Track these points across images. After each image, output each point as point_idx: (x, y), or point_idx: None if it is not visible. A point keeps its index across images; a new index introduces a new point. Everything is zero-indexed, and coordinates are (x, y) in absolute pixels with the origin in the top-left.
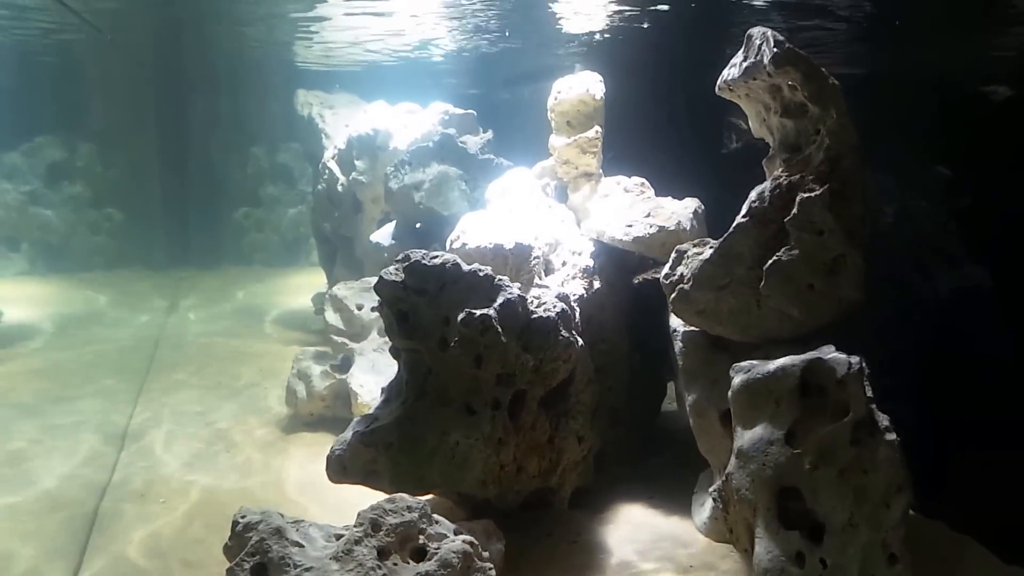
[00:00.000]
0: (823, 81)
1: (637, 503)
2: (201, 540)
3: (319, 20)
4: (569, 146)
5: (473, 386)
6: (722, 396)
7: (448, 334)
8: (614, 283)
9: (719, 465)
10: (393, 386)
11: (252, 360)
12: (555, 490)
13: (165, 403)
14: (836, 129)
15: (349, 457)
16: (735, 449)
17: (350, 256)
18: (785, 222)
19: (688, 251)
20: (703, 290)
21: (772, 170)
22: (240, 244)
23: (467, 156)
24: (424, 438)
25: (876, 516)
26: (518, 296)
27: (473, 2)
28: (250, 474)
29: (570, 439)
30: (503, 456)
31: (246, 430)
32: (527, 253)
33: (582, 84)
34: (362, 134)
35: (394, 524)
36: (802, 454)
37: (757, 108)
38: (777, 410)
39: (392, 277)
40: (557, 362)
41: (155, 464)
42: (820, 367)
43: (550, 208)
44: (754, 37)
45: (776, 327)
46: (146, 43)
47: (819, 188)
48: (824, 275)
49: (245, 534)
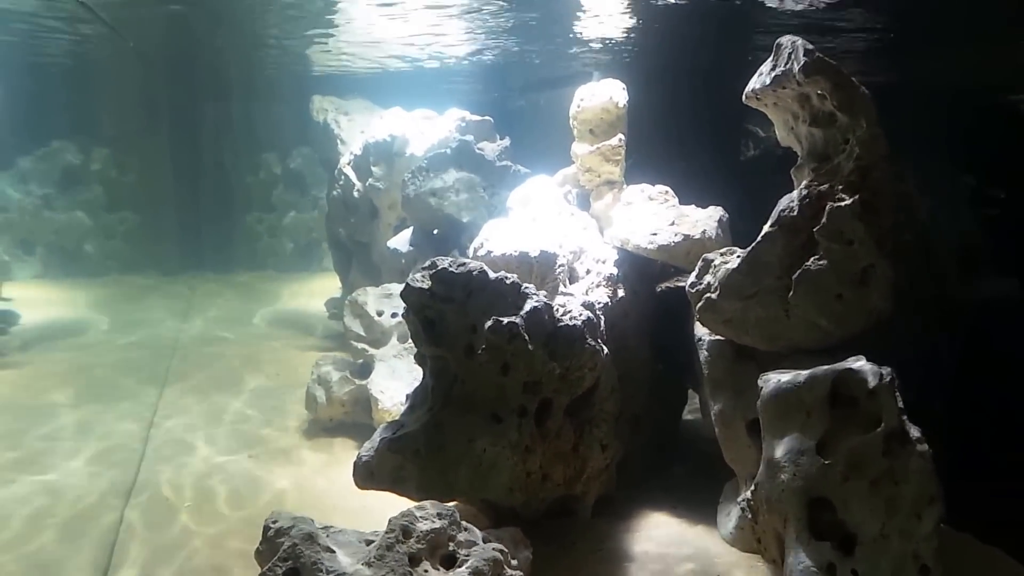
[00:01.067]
0: (853, 90)
1: (660, 512)
2: (228, 544)
3: (335, 25)
4: (592, 154)
5: (499, 394)
6: (748, 405)
7: (475, 341)
8: (637, 291)
9: (745, 475)
10: (418, 393)
11: (268, 365)
12: (579, 498)
13: (184, 407)
14: (866, 139)
15: (376, 463)
16: (765, 459)
17: (366, 262)
18: (814, 232)
19: (715, 260)
20: (730, 299)
21: (800, 179)
22: (253, 249)
23: (485, 163)
24: (451, 445)
25: (908, 527)
26: (544, 304)
27: (492, 11)
28: (273, 479)
29: (594, 447)
30: (530, 464)
31: (267, 435)
32: (552, 261)
33: (605, 92)
34: (379, 140)
35: (425, 531)
36: (833, 465)
37: (785, 117)
38: (808, 420)
39: (419, 284)
40: (583, 370)
41: (178, 469)
42: (851, 377)
43: (573, 216)
44: (783, 46)
45: (804, 337)
46: (160, 48)
47: (849, 198)
48: (853, 285)
49: (277, 539)
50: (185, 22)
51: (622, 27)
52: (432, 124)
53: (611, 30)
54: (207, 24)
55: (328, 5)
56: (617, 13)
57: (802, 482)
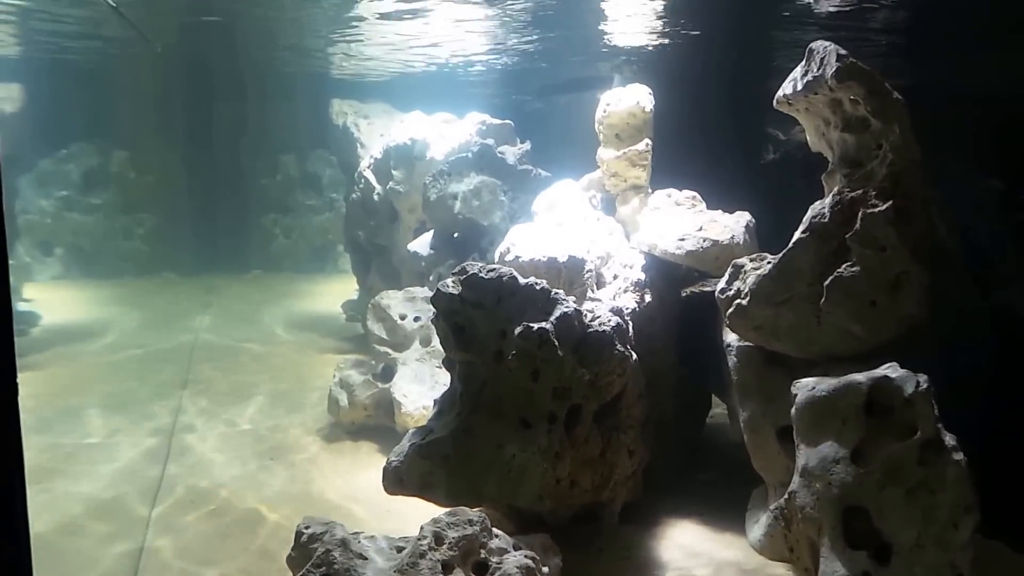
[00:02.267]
0: (887, 96)
1: (687, 518)
2: (254, 548)
3: (353, 29)
4: (618, 159)
5: (528, 399)
6: (778, 412)
7: (504, 347)
8: (663, 296)
9: (775, 482)
10: (446, 398)
11: (287, 367)
12: (606, 504)
13: (205, 409)
14: (900, 144)
15: (406, 469)
16: (799, 467)
17: (386, 265)
18: (847, 238)
19: (745, 266)
20: (761, 305)
21: (832, 185)
22: (268, 250)
23: (505, 166)
24: (480, 451)
25: (944, 537)
26: (574, 310)
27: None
28: (297, 482)
29: (621, 453)
30: (559, 470)
31: (288, 438)
32: (580, 266)
33: (632, 97)
34: (399, 144)
35: (456, 538)
36: (869, 473)
37: (816, 122)
38: (843, 428)
39: (449, 290)
40: (612, 376)
41: (201, 471)
42: (887, 386)
43: (599, 221)
44: (816, 51)
45: (837, 344)
46: (179, 51)
47: (882, 204)
48: (887, 292)
49: (310, 545)
50: (206, 26)
51: (646, 32)
52: (452, 128)
53: (634, 36)
54: (228, 28)
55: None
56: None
57: (837, 490)
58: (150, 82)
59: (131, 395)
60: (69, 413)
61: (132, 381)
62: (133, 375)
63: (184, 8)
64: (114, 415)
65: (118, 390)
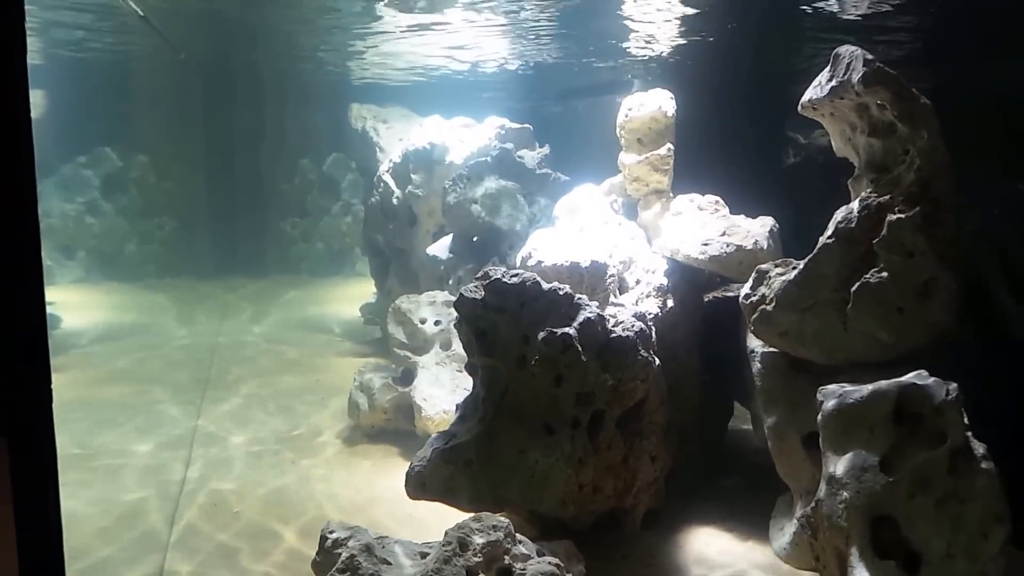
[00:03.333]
0: (914, 101)
1: (710, 525)
2: (277, 552)
3: (373, 34)
4: (640, 163)
5: (552, 405)
6: (803, 419)
7: (527, 352)
8: (686, 301)
9: (800, 489)
10: (469, 403)
11: (306, 370)
12: (628, 511)
13: (227, 412)
14: (927, 149)
15: (429, 474)
16: (826, 475)
17: (404, 268)
18: (874, 244)
19: (770, 271)
20: (786, 311)
21: (858, 190)
22: (287, 254)
23: (525, 171)
24: (503, 456)
25: (974, 547)
26: (598, 315)
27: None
28: (317, 485)
29: (644, 459)
30: (582, 476)
31: (309, 441)
32: (603, 271)
33: (654, 102)
34: (418, 148)
35: (481, 544)
36: (898, 482)
37: (842, 127)
38: (871, 436)
39: (472, 295)
40: (635, 382)
41: (222, 474)
42: (916, 393)
43: (620, 225)
44: (842, 56)
45: (863, 350)
46: (199, 57)
47: (910, 209)
48: (915, 298)
49: (334, 550)
50: (226, 32)
51: (667, 36)
52: (471, 132)
53: (655, 41)
54: (247, 33)
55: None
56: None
57: (866, 499)
58: (171, 87)
59: (151, 397)
60: (90, 415)
61: (152, 383)
62: (153, 377)
63: (206, 15)
64: (135, 417)
65: (138, 392)
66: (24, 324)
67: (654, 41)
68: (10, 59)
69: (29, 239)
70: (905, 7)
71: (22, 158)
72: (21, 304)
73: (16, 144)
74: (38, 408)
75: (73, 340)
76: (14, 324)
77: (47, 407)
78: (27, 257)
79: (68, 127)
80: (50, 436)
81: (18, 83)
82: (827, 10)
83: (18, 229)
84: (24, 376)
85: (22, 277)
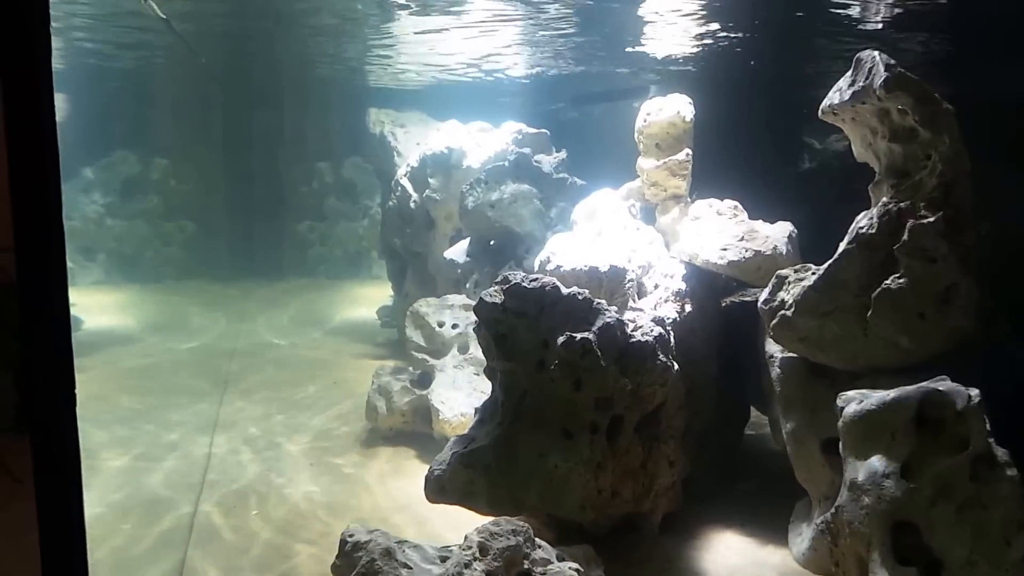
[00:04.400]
0: (936, 105)
1: (728, 530)
2: (296, 554)
3: (390, 38)
4: (658, 168)
5: (571, 409)
6: (822, 424)
7: (546, 356)
8: (704, 306)
9: (819, 495)
10: (488, 407)
11: (324, 371)
12: (646, 515)
13: (244, 414)
14: (950, 155)
15: (448, 478)
16: (847, 481)
17: (421, 272)
18: (895, 249)
19: (789, 277)
20: (806, 317)
21: (879, 196)
22: (304, 256)
23: (542, 175)
24: (522, 460)
25: (996, 554)
26: (617, 320)
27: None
28: (334, 488)
29: (662, 463)
30: (601, 481)
31: (327, 443)
32: (622, 276)
33: (672, 106)
34: (436, 152)
35: (500, 548)
36: (919, 488)
37: (863, 132)
38: (892, 442)
39: (492, 299)
40: (654, 386)
41: (240, 476)
42: (938, 399)
43: (639, 230)
44: (863, 60)
45: (883, 356)
46: (217, 61)
47: (932, 215)
48: (936, 304)
49: (354, 554)
50: (245, 37)
51: (685, 43)
52: (488, 137)
53: (672, 46)
54: (268, 39)
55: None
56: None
57: (887, 505)
58: (191, 92)
59: (170, 398)
60: (110, 416)
61: (171, 384)
62: (172, 378)
63: (226, 20)
64: (153, 417)
65: (158, 393)
66: (49, 325)
67: (671, 46)
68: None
69: (54, 241)
70: (924, 13)
71: (47, 161)
72: (46, 305)
73: (41, 147)
74: (61, 408)
75: (94, 341)
76: (39, 324)
77: (71, 407)
78: (52, 259)
79: (89, 131)
80: (74, 436)
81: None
82: (847, 15)
83: (44, 231)
84: (48, 376)
85: (47, 278)
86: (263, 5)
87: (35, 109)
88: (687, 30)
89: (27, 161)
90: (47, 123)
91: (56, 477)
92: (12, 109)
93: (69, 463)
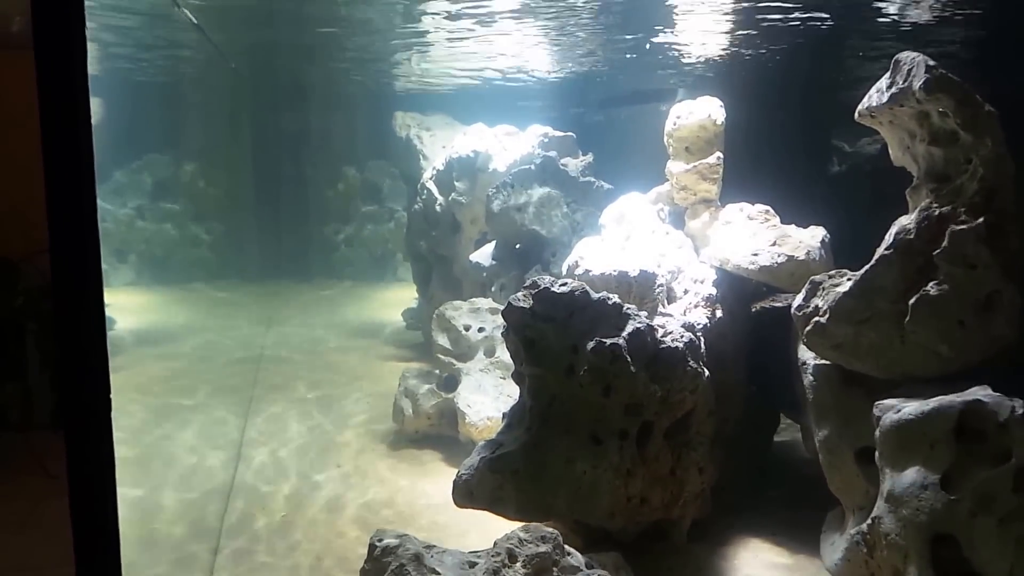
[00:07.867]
0: (978, 108)
1: (758, 538)
2: (325, 557)
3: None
4: (688, 172)
5: (599, 415)
6: (856, 434)
7: (575, 362)
8: (734, 312)
9: (853, 505)
10: (515, 411)
11: (350, 373)
12: (675, 522)
13: (273, 415)
14: (992, 158)
15: (476, 483)
16: (884, 492)
17: (447, 275)
18: (934, 255)
19: (824, 282)
20: (841, 324)
21: (917, 201)
22: (330, 259)
23: (568, 179)
24: (550, 466)
25: None
26: (647, 326)
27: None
28: (364, 489)
29: (691, 470)
30: (631, 488)
31: (354, 445)
32: (651, 281)
33: (703, 109)
34: (462, 155)
35: (530, 555)
36: (959, 500)
37: (900, 136)
38: (931, 453)
39: (520, 304)
40: (684, 393)
41: (269, 478)
42: (980, 409)
43: (668, 235)
44: (902, 62)
45: (921, 365)
46: (248, 66)
47: (973, 220)
48: (976, 312)
49: (383, 558)
50: (276, 42)
51: (714, 45)
52: (514, 140)
53: (702, 49)
54: (296, 44)
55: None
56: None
57: (925, 517)
58: (220, 96)
59: (199, 399)
60: (142, 416)
61: (200, 385)
62: (201, 379)
63: (255, 25)
64: (184, 417)
65: (187, 393)
66: (85, 325)
67: (701, 49)
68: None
69: (89, 243)
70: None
71: (83, 166)
72: (82, 306)
73: (77, 153)
74: (96, 407)
75: (128, 341)
76: (75, 325)
77: (105, 406)
78: (87, 260)
79: (120, 134)
80: (108, 435)
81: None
82: (886, 15)
83: (79, 233)
84: (84, 375)
85: (83, 279)
86: (295, 13)
87: (72, 116)
88: (718, 32)
89: (63, 166)
90: (83, 129)
91: (90, 474)
92: (48, 115)
93: (103, 461)
